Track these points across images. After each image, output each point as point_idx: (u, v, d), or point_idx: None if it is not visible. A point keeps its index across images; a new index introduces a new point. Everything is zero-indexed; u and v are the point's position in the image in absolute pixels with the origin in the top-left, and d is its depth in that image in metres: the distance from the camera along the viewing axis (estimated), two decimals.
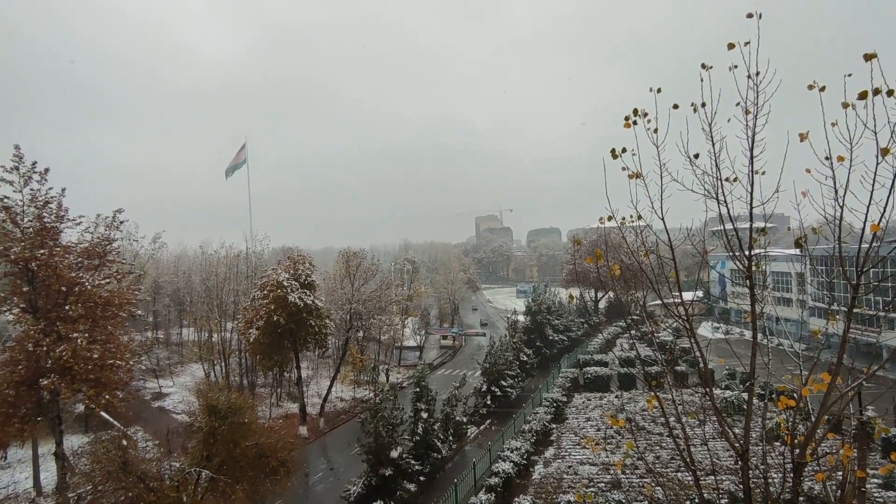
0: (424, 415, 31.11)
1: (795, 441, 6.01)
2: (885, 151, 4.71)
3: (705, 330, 71.95)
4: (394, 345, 69.10)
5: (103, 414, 35.65)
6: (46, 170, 21.84)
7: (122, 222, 24.46)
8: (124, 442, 17.85)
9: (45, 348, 20.54)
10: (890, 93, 4.62)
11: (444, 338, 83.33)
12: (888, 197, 4.98)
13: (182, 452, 21.06)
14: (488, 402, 42.87)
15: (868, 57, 4.70)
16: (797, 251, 6.09)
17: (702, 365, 6.91)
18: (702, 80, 5.39)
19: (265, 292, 40.89)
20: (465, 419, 37.17)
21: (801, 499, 6.76)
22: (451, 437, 34.14)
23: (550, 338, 59.82)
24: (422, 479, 29.01)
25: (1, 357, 21.51)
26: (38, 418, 22.46)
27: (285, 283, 40.02)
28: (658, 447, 31.42)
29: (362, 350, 59.99)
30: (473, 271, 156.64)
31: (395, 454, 27.16)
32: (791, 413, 6.45)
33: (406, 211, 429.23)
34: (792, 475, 5.97)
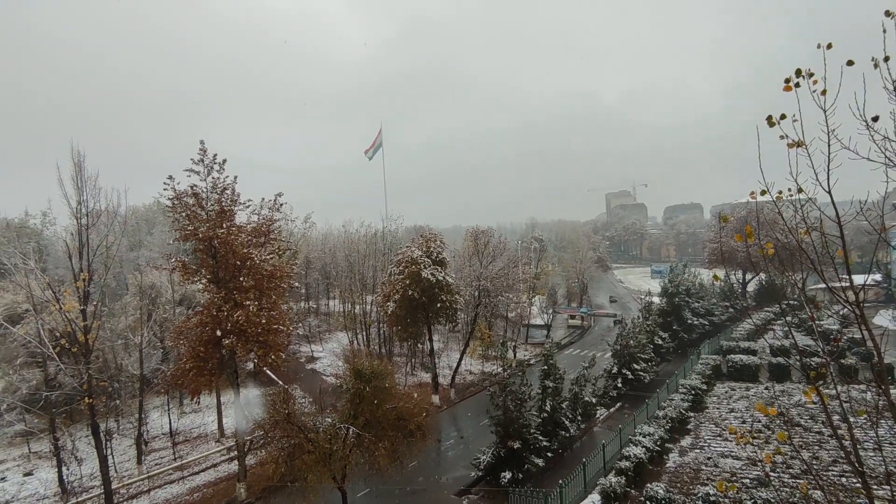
0: (552, 392, 31.14)
1: None
2: None
3: (883, 319, 61.63)
4: (521, 322, 69.45)
5: (268, 372, 41.13)
6: (224, 161, 25.59)
7: (282, 205, 27.81)
8: (291, 396, 20.51)
9: (225, 313, 24.37)
10: None
11: (573, 317, 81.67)
12: None
13: (332, 410, 23.63)
14: (619, 385, 41.50)
15: None
16: None
17: (876, 358, 6.16)
18: (885, 31, 4.73)
19: (401, 268, 43.48)
20: (594, 400, 36.47)
21: None
22: (579, 417, 33.79)
23: (689, 321, 55.77)
24: (549, 455, 29.24)
25: (194, 319, 25.96)
26: (221, 372, 26.76)
27: (419, 260, 42.18)
28: (817, 447, 28.09)
29: (490, 326, 61.28)
30: (603, 250, 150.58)
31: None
32: None
33: (534, 188, 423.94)
34: None
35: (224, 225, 25.19)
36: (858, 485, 6.26)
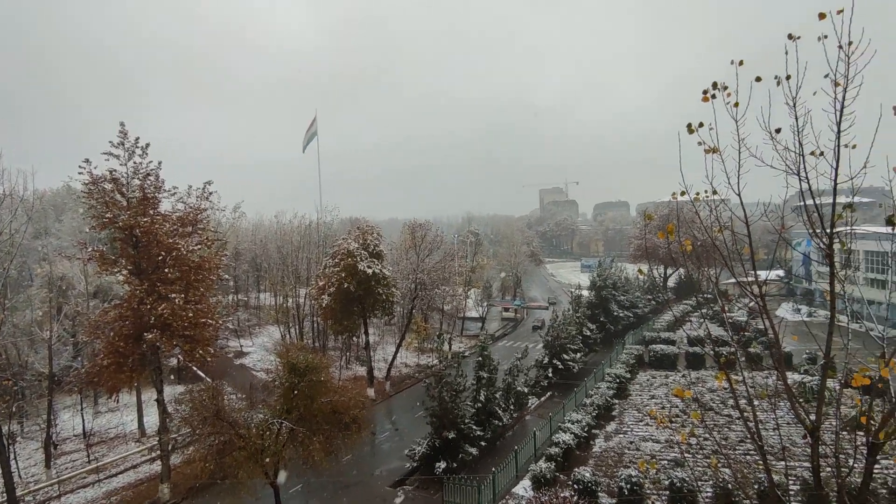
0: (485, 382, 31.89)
1: (871, 422, 5.93)
2: None
3: (785, 311, 67.85)
4: (457, 315, 70.38)
5: (195, 368, 39.26)
6: (147, 145, 24.02)
7: (211, 193, 26.52)
8: (220, 391, 19.76)
9: (148, 306, 22.99)
10: None
11: (506, 310, 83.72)
12: None
13: (264, 405, 23.00)
14: (550, 375, 43.12)
15: None
16: (888, 229, 5.89)
17: (775, 345, 6.85)
18: (787, 53, 5.26)
19: (336, 260, 42.80)
20: (526, 390, 37.70)
21: (876, 483, 6.66)
22: (512, 407, 34.85)
23: (615, 313, 58.76)
24: (483, 444, 29.98)
25: (112, 313, 24.28)
26: (143, 368, 25.28)
27: (355, 253, 41.69)
28: (726, 429, 30.62)
29: (426, 319, 61.66)
30: (537, 244, 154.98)
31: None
32: (869, 394, 6.34)
33: (471, 183, 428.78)
34: (865, 457, 5.92)
35: (147, 213, 23.72)
36: (761, 462, 6.95)
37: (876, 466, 20.38)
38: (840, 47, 5.20)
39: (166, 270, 23.63)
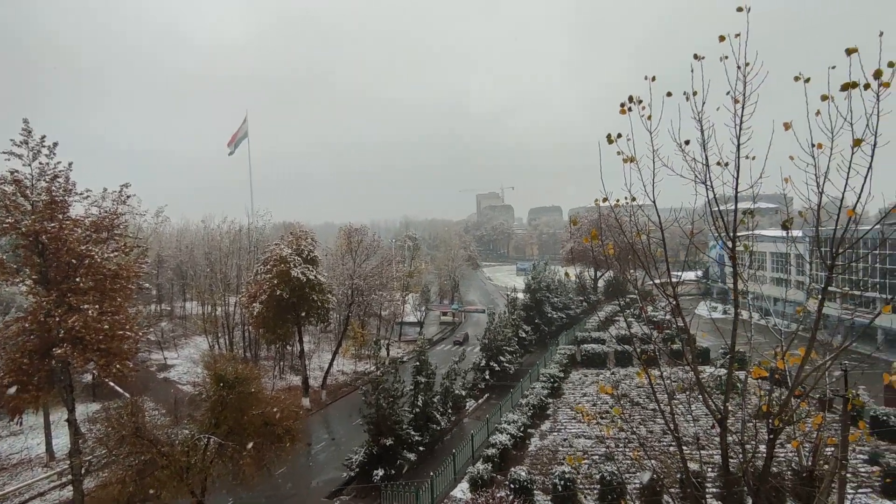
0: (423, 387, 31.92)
1: (772, 410, 6.48)
2: (857, 142, 5.06)
3: (702, 309, 72.67)
4: (394, 320, 69.96)
5: (112, 384, 36.57)
6: (55, 144, 22.08)
7: (128, 197, 24.82)
8: (140, 408, 18.55)
9: (57, 319, 21.11)
10: (867, 86, 4.94)
11: (445, 314, 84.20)
12: (863, 184, 5.34)
13: (190, 420, 21.81)
14: (487, 377, 43.77)
15: (850, 51, 5.00)
16: (783, 233, 6.48)
17: (689, 342, 7.34)
18: (692, 71, 5.69)
19: (268, 267, 41.41)
20: (463, 393, 38.07)
21: (779, 464, 7.29)
22: (450, 410, 35.06)
23: (549, 315, 60.56)
24: (421, 449, 29.96)
25: (14, 327, 22.08)
26: (51, 386, 23.18)
27: (288, 258, 40.51)
28: (652, 422, 32.28)
29: (363, 325, 60.82)
30: (474, 248, 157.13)
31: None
32: (769, 384, 6.93)
33: (409, 187, 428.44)
34: (767, 441, 6.47)
35: (55, 217, 21.83)
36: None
37: (782, 450, 22.14)
38: (739, 68, 5.68)
39: (78, 280, 21.79)
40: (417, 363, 32.78)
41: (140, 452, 18.00)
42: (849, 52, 5.01)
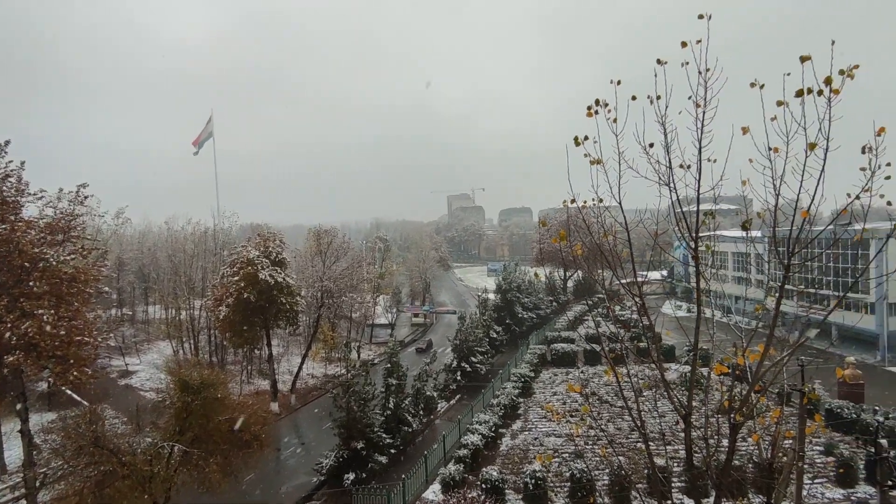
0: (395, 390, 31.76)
1: (733, 405, 6.68)
2: (811, 146, 5.27)
3: (668, 308, 74.51)
4: (365, 322, 69.41)
5: (69, 392, 35.16)
6: (7, 142, 21.09)
7: (86, 197, 23.89)
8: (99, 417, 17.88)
9: (8, 325, 20.14)
10: (819, 93, 5.15)
11: (416, 315, 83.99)
12: (816, 187, 5.57)
13: (153, 428, 21.13)
14: (458, 378, 43.83)
15: (803, 59, 5.20)
16: (743, 234, 6.69)
17: (654, 340, 7.51)
18: (655, 76, 5.82)
19: (235, 269, 40.53)
20: (435, 394, 38.04)
21: (740, 457, 7.53)
22: (421, 412, 34.97)
23: (520, 315, 61.09)
24: (393, 451, 29.77)
25: None
26: (2, 396, 22.14)
27: (256, 261, 39.73)
28: (620, 419, 32.90)
29: (333, 327, 60.11)
30: (445, 250, 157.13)
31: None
32: (731, 380, 7.14)
33: (379, 188, 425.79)
34: (729, 435, 6.66)
35: (7, 219, 20.85)
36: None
37: (744, 444, 22.87)
38: (700, 73, 5.84)
39: (31, 284, 20.83)
40: (389, 365, 32.60)
41: (99, 463, 17.34)
42: (802, 59, 5.21)
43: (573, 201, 6.97)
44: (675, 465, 23.72)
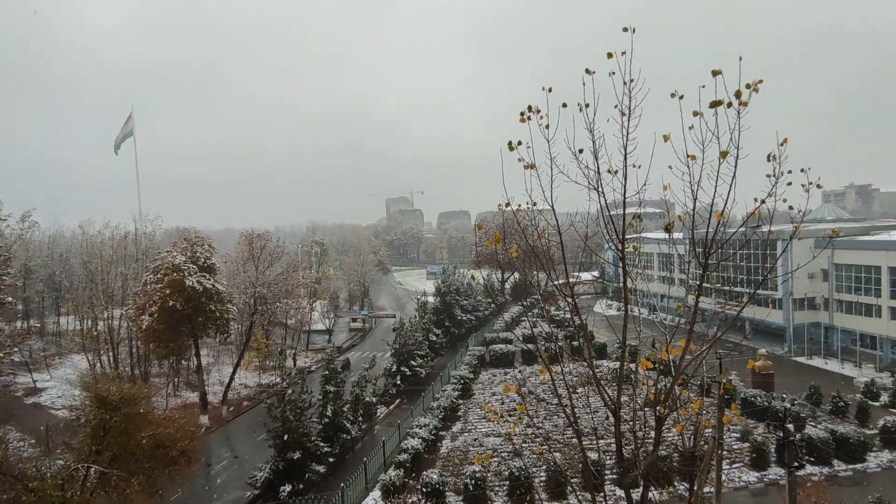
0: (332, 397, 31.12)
1: (659, 398, 7.04)
2: (723, 154, 5.67)
3: (600, 307, 77.70)
4: (301, 329, 67.56)
5: None
6: None
7: None
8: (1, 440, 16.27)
9: None
10: (729, 105, 5.54)
11: (354, 320, 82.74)
12: (728, 191, 5.99)
13: (66, 449, 19.52)
14: (398, 382, 43.57)
15: (715, 73, 5.58)
16: (666, 236, 7.07)
17: (587, 339, 7.78)
18: (584, 85, 6.05)
19: (159, 276, 38.30)
20: (374, 399, 37.59)
21: (667, 447, 7.95)
22: (360, 418, 34.44)
23: (459, 318, 61.64)
24: (331, 460, 29.13)
25: None
26: None
27: (182, 266, 37.71)
28: (557, 416, 33.90)
29: (268, 335, 58.06)
30: (384, 253, 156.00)
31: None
32: (656, 374, 7.53)
33: (316, 191, 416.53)
34: (655, 427, 7.02)
35: None
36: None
37: (669, 434, 24.23)
38: (625, 83, 6.13)
39: None
40: (326, 372, 31.89)
41: (2, 490, 15.76)
42: (714, 73, 5.59)
43: (508, 205, 7.11)
44: (608, 458, 24.74)
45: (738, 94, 5.49)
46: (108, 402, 17.95)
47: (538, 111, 6.33)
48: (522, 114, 6.36)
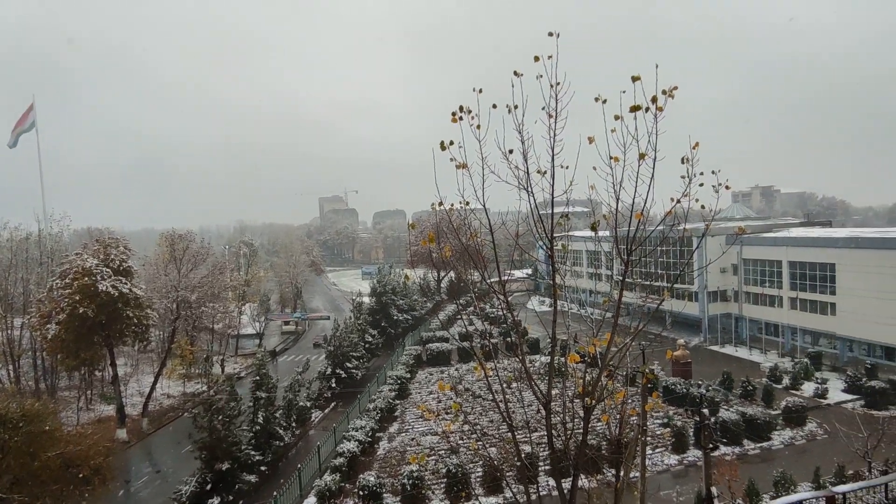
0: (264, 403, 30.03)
1: (587, 390, 7.33)
2: (642, 156, 5.99)
3: (533, 303, 79.90)
4: (229, 333, 64.63)
5: None
6: None
7: None
8: None
9: None
10: (647, 109, 5.86)
11: (287, 323, 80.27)
12: (647, 191, 6.33)
13: None
14: (333, 385, 42.72)
15: (634, 79, 5.87)
16: (592, 234, 7.36)
17: (520, 335, 7.97)
18: (513, 87, 6.17)
19: (67, 280, 35.29)
20: (308, 404, 36.67)
21: (595, 437, 8.31)
22: (293, 424, 33.46)
23: (395, 317, 61.30)
24: (263, 469, 28.10)
25: None
26: None
27: (94, 270, 34.94)
28: (492, 412, 34.49)
29: (192, 341, 55.03)
30: (317, 253, 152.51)
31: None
32: (583, 367, 7.84)
33: (244, 190, 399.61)
34: (583, 418, 7.30)
35: None
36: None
37: (598, 423, 25.35)
38: (552, 86, 6.32)
39: None
40: (257, 378, 30.69)
41: None
42: (633, 79, 5.89)
43: (441, 204, 7.14)
44: (542, 450, 25.51)
45: (654, 100, 5.81)
46: (6, 420, 16.31)
47: (469, 112, 6.40)
48: (454, 114, 6.41)
